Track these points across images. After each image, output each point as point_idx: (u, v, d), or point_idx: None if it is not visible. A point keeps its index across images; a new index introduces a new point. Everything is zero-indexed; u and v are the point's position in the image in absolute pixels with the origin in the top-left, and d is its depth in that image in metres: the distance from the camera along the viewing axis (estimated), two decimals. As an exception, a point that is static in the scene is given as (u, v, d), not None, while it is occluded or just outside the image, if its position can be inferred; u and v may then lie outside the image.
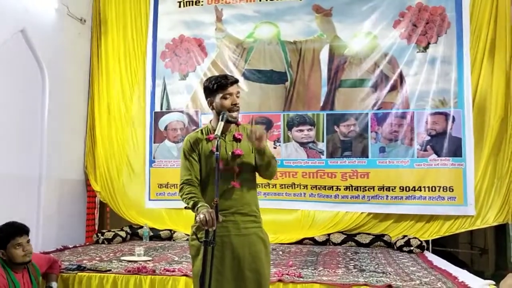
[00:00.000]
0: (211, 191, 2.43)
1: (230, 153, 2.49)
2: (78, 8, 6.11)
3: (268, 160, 2.48)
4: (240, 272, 2.40)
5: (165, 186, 6.16)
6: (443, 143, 5.50)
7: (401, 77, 5.71)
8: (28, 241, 3.03)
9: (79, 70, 6.24)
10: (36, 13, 5.25)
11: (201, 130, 2.60)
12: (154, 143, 6.26)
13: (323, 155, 5.80)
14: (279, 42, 6.05)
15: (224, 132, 2.48)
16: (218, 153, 2.33)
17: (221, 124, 2.41)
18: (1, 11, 4.69)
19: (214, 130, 2.45)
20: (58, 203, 5.61)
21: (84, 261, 4.09)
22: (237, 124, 2.57)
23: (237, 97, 2.50)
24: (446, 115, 5.53)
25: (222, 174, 2.43)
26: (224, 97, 2.47)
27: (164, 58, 6.35)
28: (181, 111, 6.25)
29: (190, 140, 2.55)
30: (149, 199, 6.20)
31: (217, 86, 2.48)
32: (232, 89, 2.48)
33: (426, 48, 5.64)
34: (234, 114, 2.48)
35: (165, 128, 6.29)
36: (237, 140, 2.53)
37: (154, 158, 6.24)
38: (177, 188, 5.93)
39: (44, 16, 5.41)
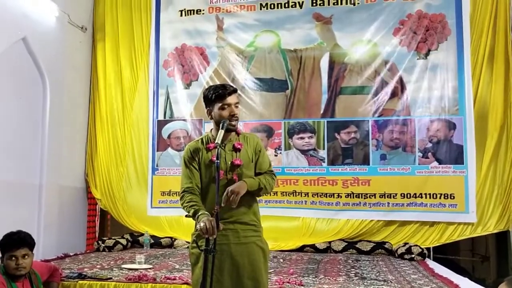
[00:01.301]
0: (211, 200, 2.44)
1: (229, 162, 2.49)
2: (79, 17, 6.15)
3: (258, 193, 2.52)
4: (239, 281, 2.40)
5: (167, 193, 6.17)
6: (445, 150, 5.51)
7: (401, 84, 5.72)
8: (25, 256, 2.94)
9: (80, 78, 6.27)
10: (37, 21, 5.28)
11: (201, 139, 2.60)
12: (157, 151, 6.28)
13: (324, 162, 5.81)
14: (279, 50, 6.08)
15: (223, 141, 2.47)
16: (218, 161, 2.34)
17: (221, 133, 2.40)
18: (3, 19, 4.72)
19: (214, 139, 2.45)
20: (59, 211, 5.60)
21: (85, 269, 4.08)
22: (238, 134, 2.58)
23: (236, 107, 2.49)
24: (447, 122, 5.54)
25: (221, 183, 2.44)
26: (222, 108, 2.46)
27: (167, 67, 6.38)
28: (184, 120, 6.27)
29: (190, 149, 2.56)
30: (152, 207, 6.21)
31: (215, 96, 2.46)
32: (230, 99, 2.46)
33: (426, 55, 5.66)
34: (233, 123, 2.48)
35: (168, 137, 6.30)
36: (236, 150, 2.53)
37: (157, 166, 6.25)
38: (179, 196, 5.96)
39: (45, 24, 5.44)
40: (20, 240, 2.96)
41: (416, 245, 5.16)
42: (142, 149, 6.32)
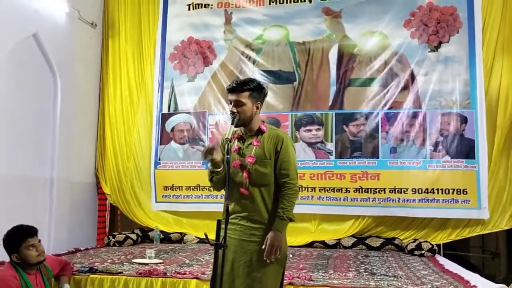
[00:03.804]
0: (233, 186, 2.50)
1: (244, 158, 2.51)
2: (89, 13, 6.17)
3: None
4: (240, 277, 2.43)
5: (170, 188, 6.11)
6: (456, 144, 5.37)
7: (412, 76, 5.61)
8: (39, 241, 3.06)
9: (90, 74, 6.30)
10: (48, 17, 5.31)
11: (234, 131, 2.63)
12: (160, 144, 6.23)
13: (331, 155, 5.69)
14: (287, 43, 6.01)
15: (242, 136, 2.58)
16: (228, 156, 2.39)
17: (231, 128, 2.47)
18: (13, 15, 4.75)
19: (241, 132, 2.58)
20: (70, 206, 5.65)
21: (96, 264, 4.12)
22: (261, 130, 2.58)
23: (238, 105, 2.51)
24: (458, 115, 5.42)
25: (234, 178, 2.48)
26: (229, 103, 2.56)
27: (172, 60, 6.36)
28: (188, 112, 6.23)
29: (222, 138, 2.61)
30: (156, 202, 6.17)
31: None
32: (230, 96, 2.55)
33: (437, 47, 5.57)
34: (234, 119, 2.51)
35: (172, 130, 6.26)
36: (253, 146, 2.53)
37: (159, 160, 6.21)
38: (182, 190, 5.99)
39: (56, 20, 5.47)
40: (31, 229, 3.05)
41: (426, 241, 5.11)
42: (147, 143, 6.30)
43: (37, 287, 3.01)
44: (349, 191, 5.55)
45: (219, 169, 2.53)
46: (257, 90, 2.57)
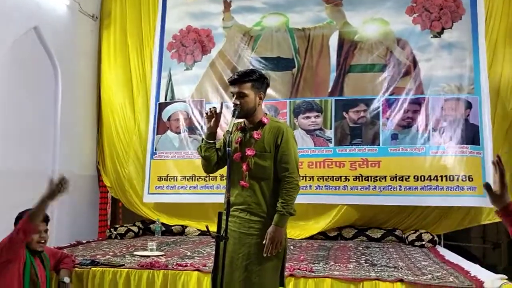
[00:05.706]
0: (232, 177, 2.50)
1: (244, 150, 2.51)
2: (90, 5, 6.17)
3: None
4: (237, 270, 2.44)
5: (164, 179, 5.99)
6: (461, 129, 5.22)
7: (414, 62, 5.53)
8: (46, 231, 3.06)
9: (91, 66, 6.30)
10: (49, 10, 5.30)
11: (237, 123, 2.63)
12: (156, 134, 6.16)
13: (331, 143, 5.57)
14: (287, 29, 5.94)
15: (245, 128, 2.57)
16: (229, 149, 2.39)
17: (232, 120, 2.47)
18: (15, 8, 4.74)
19: (244, 124, 2.58)
20: (71, 199, 5.61)
21: (98, 256, 4.13)
22: (262, 122, 2.56)
23: (240, 96, 2.50)
24: (462, 101, 5.29)
25: (235, 170, 2.48)
26: (231, 95, 2.56)
27: (171, 49, 6.31)
28: (185, 101, 6.17)
29: (228, 130, 2.61)
30: (148, 193, 6.04)
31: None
32: (232, 88, 2.54)
33: (440, 33, 5.49)
34: (236, 111, 2.50)
35: (168, 119, 6.19)
36: (253, 139, 2.52)
37: (155, 150, 6.13)
38: (176, 180, 5.88)
39: (57, 13, 5.46)
40: (45, 215, 3.03)
41: (427, 232, 5.08)
42: (146, 134, 6.25)
43: (38, 266, 3.02)
44: (349, 180, 5.38)
45: (211, 141, 2.55)
46: (259, 81, 2.55)
